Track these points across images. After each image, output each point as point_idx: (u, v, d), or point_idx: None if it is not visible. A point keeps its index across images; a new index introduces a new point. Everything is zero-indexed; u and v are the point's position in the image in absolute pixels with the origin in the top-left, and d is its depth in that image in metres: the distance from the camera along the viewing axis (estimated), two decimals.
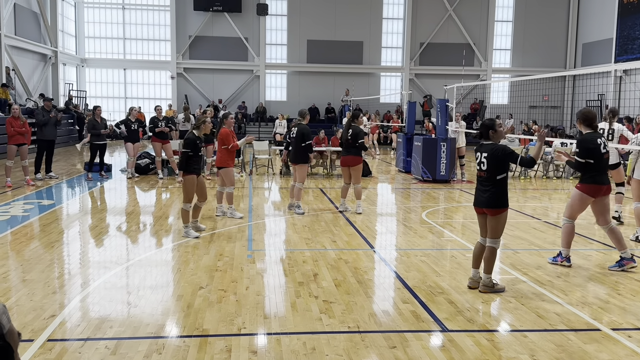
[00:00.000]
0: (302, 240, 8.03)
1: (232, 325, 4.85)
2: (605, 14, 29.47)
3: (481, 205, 5.82)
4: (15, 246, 7.53)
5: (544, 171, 16.38)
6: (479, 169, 5.82)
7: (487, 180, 5.75)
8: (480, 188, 5.85)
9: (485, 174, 5.75)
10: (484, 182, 5.79)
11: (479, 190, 5.86)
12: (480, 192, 5.84)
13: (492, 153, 5.70)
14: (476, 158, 5.89)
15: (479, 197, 5.85)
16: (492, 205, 5.73)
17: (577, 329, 4.90)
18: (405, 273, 6.49)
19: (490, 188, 5.73)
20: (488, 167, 5.72)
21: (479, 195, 5.85)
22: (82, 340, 4.51)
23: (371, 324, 4.94)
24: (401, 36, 32.69)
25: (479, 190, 5.86)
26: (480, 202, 5.82)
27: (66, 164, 17.65)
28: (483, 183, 5.81)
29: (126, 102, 31.79)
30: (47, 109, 13.85)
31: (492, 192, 5.73)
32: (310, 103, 31.31)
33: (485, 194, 5.76)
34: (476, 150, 5.93)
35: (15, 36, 23.67)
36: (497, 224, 5.77)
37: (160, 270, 6.64)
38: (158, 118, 14.50)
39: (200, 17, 31.12)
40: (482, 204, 5.81)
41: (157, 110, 14.90)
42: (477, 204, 5.89)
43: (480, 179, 5.85)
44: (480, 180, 5.86)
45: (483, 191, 5.79)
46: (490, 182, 5.74)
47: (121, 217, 9.86)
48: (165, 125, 14.43)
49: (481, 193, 5.82)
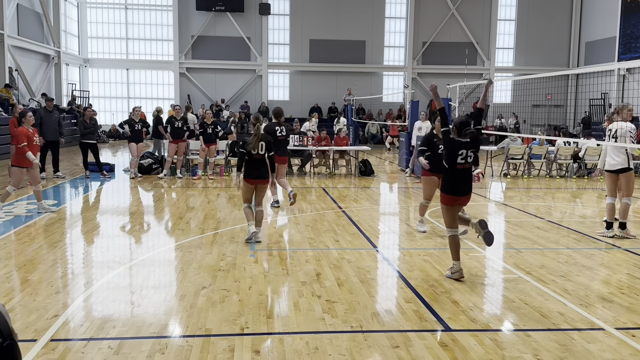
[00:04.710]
0: (304, 240, 8.02)
1: (235, 325, 4.85)
2: (608, 12, 29.39)
3: (468, 192, 6.35)
4: (19, 246, 7.54)
5: (547, 170, 16.35)
6: (464, 162, 6.22)
7: (469, 170, 6.31)
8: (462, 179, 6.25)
9: (469, 165, 6.27)
10: (467, 173, 6.28)
11: (463, 181, 6.25)
12: (464, 182, 6.26)
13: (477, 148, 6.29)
14: (459, 155, 6.17)
15: (466, 186, 6.29)
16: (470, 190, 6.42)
17: (581, 329, 4.88)
18: (408, 272, 6.48)
19: (469, 177, 6.32)
20: (474, 160, 6.27)
21: (465, 185, 6.28)
22: (85, 340, 4.52)
23: (374, 323, 4.93)
24: (403, 35, 32.67)
25: (463, 180, 6.25)
26: (468, 190, 6.33)
27: (69, 164, 17.68)
28: (467, 174, 6.28)
29: (129, 102, 31.82)
30: (49, 109, 13.87)
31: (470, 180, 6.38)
32: (312, 102, 31.32)
33: (468, 182, 6.33)
34: (459, 148, 6.18)
35: (18, 36, 23.72)
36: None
37: (163, 270, 6.64)
38: (176, 118, 14.46)
39: (203, 17, 31.15)
40: (469, 191, 6.35)
41: (176, 110, 14.86)
42: (466, 192, 6.31)
43: (464, 171, 6.24)
44: (464, 172, 6.25)
45: (467, 181, 6.30)
46: (470, 171, 6.34)
47: (124, 217, 9.87)
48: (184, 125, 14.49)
49: (466, 183, 6.28)
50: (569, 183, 15.03)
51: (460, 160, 6.16)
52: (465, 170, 6.26)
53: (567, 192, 13.44)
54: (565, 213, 10.63)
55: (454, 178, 6.24)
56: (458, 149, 6.14)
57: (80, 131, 14.18)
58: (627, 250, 7.71)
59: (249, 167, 7.83)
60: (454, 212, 6.34)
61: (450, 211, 6.31)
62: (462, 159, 6.15)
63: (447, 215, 6.33)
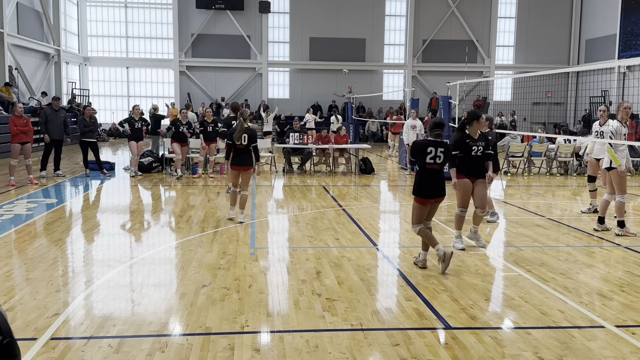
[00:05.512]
0: (305, 238, 8.03)
1: (235, 323, 4.85)
2: (608, 10, 29.36)
3: (441, 194, 6.48)
4: (19, 245, 7.54)
5: (547, 168, 16.34)
6: (433, 162, 6.37)
7: (441, 171, 6.47)
8: (432, 180, 6.42)
9: (439, 166, 6.42)
10: (438, 174, 6.44)
11: (434, 182, 6.41)
12: (435, 184, 6.42)
13: (446, 148, 6.47)
14: (428, 153, 6.35)
15: (438, 188, 6.43)
16: (445, 192, 6.54)
17: (581, 326, 4.88)
18: (409, 271, 6.49)
19: (441, 178, 6.48)
20: (443, 160, 6.43)
21: (436, 186, 6.42)
22: (85, 338, 4.52)
23: (374, 321, 4.93)
24: (404, 33, 32.64)
25: (434, 182, 6.41)
26: (440, 191, 6.46)
27: (70, 162, 17.68)
28: (437, 175, 6.44)
29: (129, 100, 31.81)
30: (56, 108, 13.88)
31: (443, 181, 6.51)
32: (313, 100, 31.28)
33: (442, 183, 6.48)
34: (426, 146, 6.39)
35: (18, 35, 23.70)
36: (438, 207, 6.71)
37: (163, 268, 6.64)
38: (181, 122, 14.31)
39: (203, 15, 31.12)
40: (442, 193, 6.49)
41: (182, 114, 14.55)
42: (437, 194, 6.44)
43: (432, 172, 6.42)
44: (433, 173, 6.43)
45: (439, 182, 6.45)
46: (442, 172, 6.49)
47: (125, 215, 9.87)
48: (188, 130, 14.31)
49: (437, 184, 6.44)
50: (569, 181, 15.03)
51: (429, 160, 6.37)
52: (435, 171, 6.42)
53: (568, 190, 13.44)
54: (566, 211, 10.63)
55: (423, 179, 6.45)
56: (426, 147, 6.37)
57: (80, 130, 14.19)
58: (627, 248, 7.71)
59: (235, 156, 8.80)
60: (424, 211, 6.54)
61: (419, 209, 6.53)
62: (431, 159, 6.37)
63: (416, 212, 6.56)
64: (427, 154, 6.36)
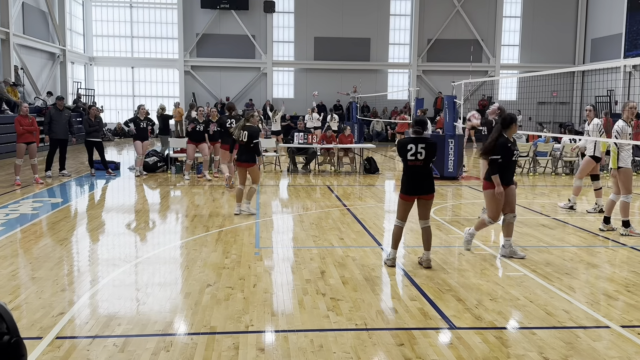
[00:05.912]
0: (309, 238, 8.03)
1: (240, 322, 4.86)
2: (614, 9, 29.24)
3: (426, 192, 6.45)
4: (25, 244, 7.58)
5: (553, 167, 16.29)
6: (415, 159, 6.31)
7: (424, 168, 6.42)
8: (416, 177, 6.41)
9: (421, 162, 6.38)
10: (422, 171, 6.42)
11: (418, 179, 6.40)
12: (418, 181, 6.41)
13: (428, 144, 6.38)
14: (409, 150, 6.35)
15: (421, 185, 6.41)
16: (433, 190, 6.50)
17: (586, 326, 4.87)
18: (413, 270, 6.48)
19: (428, 175, 6.45)
20: (426, 157, 6.37)
21: (419, 183, 6.41)
22: (90, 337, 4.54)
23: (379, 321, 4.93)
24: (408, 33, 32.58)
25: (417, 179, 6.40)
26: (425, 188, 6.43)
27: (75, 162, 17.73)
28: (421, 172, 6.41)
29: (134, 100, 31.89)
30: (60, 108, 13.93)
31: (431, 178, 6.49)
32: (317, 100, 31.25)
33: (427, 180, 6.44)
34: (408, 143, 6.40)
35: (24, 35, 23.79)
36: (430, 205, 6.62)
37: (168, 267, 6.66)
38: (199, 121, 13.95)
39: (208, 15, 31.16)
40: (427, 191, 6.45)
41: (199, 113, 14.12)
42: (421, 191, 6.43)
43: (415, 168, 6.42)
44: (415, 170, 6.42)
45: (423, 179, 6.42)
46: (426, 169, 6.44)
47: (129, 214, 9.90)
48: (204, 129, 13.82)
49: (421, 181, 6.41)
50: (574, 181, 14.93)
51: (410, 157, 6.37)
52: (417, 167, 6.41)
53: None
54: (571, 211, 10.59)
55: (405, 176, 6.49)
56: (407, 144, 6.40)
57: (85, 129, 14.22)
58: (633, 248, 7.68)
59: (239, 153, 9.28)
60: (407, 207, 6.58)
61: (402, 205, 6.59)
62: (412, 155, 6.37)
63: (399, 207, 6.63)
64: (408, 151, 6.38)
